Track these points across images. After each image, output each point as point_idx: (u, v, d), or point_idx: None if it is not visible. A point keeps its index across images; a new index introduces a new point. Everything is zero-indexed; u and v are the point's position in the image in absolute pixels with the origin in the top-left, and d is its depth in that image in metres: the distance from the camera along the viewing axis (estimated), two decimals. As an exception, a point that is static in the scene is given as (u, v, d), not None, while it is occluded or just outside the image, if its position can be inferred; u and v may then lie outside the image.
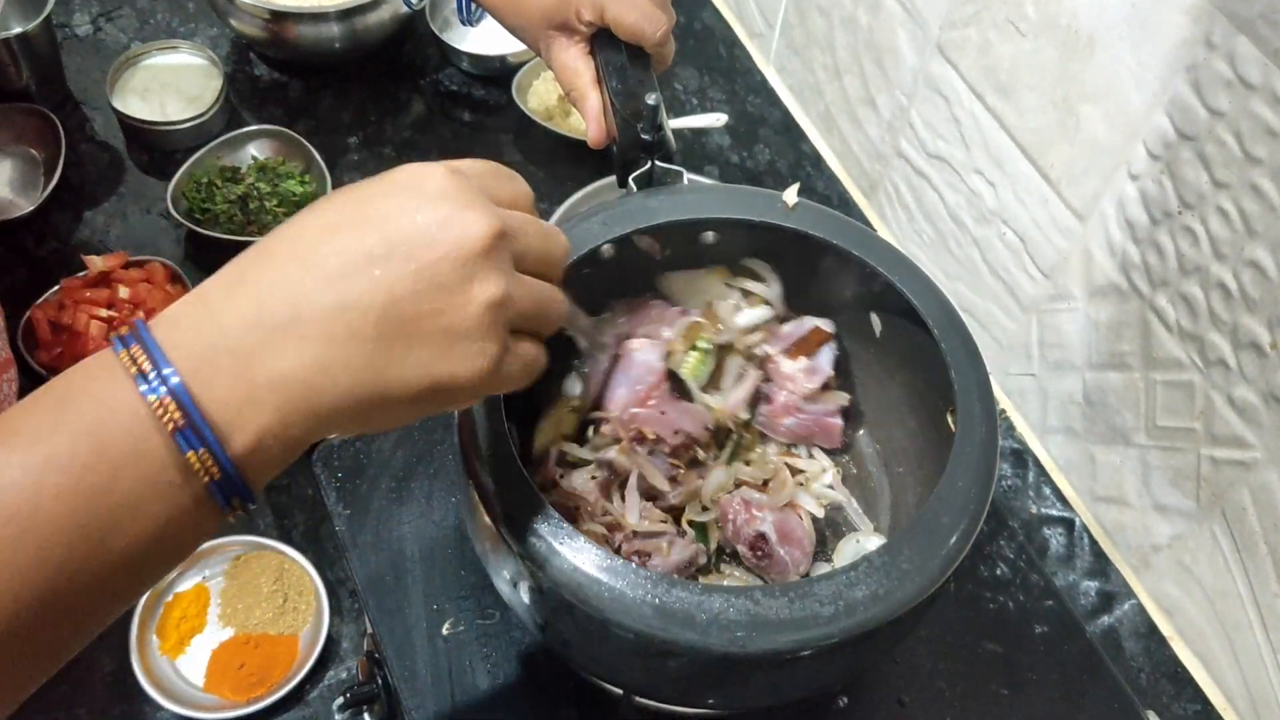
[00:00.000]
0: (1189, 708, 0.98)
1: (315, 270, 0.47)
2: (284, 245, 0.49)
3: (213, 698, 0.93)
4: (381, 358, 0.47)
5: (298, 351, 0.46)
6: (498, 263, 0.49)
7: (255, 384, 0.46)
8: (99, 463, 0.44)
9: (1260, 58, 0.75)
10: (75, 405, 0.45)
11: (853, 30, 1.22)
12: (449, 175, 0.50)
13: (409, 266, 0.47)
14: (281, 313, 0.46)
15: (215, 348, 0.46)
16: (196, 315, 0.47)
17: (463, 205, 0.49)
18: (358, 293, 0.47)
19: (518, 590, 0.64)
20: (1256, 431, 0.85)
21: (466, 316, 0.48)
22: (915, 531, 0.62)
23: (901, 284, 0.73)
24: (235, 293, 0.48)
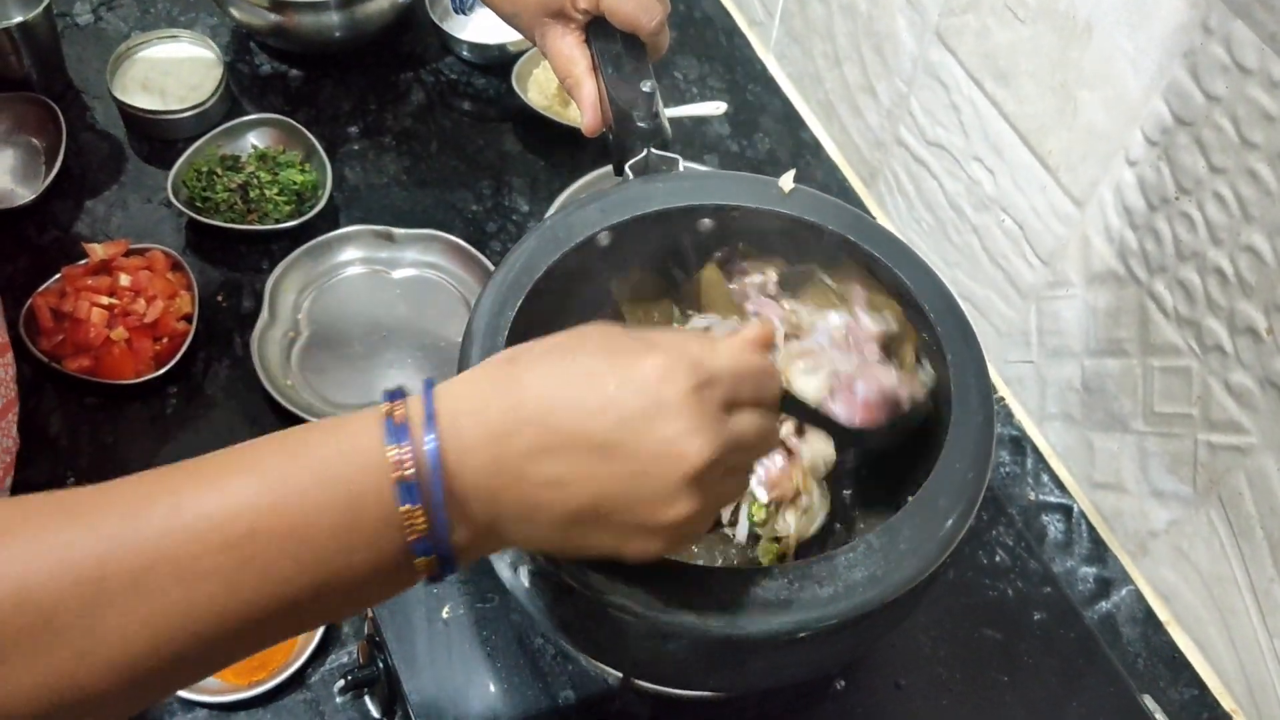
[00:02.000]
0: (1185, 692, 0.98)
1: (547, 440, 0.51)
2: (533, 393, 0.52)
3: (214, 681, 0.93)
4: (571, 530, 0.53)
5: (509, 506, 0.51)
6: (701, 487, 0.52)
7: (471, 513, 0.51)
8: (346, 536, 0.48)
9: (1257, 42, 0.75)
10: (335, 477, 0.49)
11: (852, 18, 1.22)
12: (691, 391, 0.52)
13: (623, 471, 0.51)
14: (510, 469, 0.51)
15: (462, 465, 0.50)
16: (454, 431, 0.50)
17: (690, 431, 0.51)
18: (572, 477, 0.51)
19: (518, 574, 0.64)
20: (1253, 417, 0.85)
21: (653, 526, 0.52)
22: (913, 514, 0.63)
23: (897, 268, 0.73)
24: (480, 423, 0.51)
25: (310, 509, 0.47)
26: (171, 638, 0.46)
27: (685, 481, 0.52)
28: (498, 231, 1.25)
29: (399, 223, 1.21)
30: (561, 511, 0.52)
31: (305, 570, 0.48)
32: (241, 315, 1.16)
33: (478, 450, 0.50)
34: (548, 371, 0.53)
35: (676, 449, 0.51)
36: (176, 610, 0.45)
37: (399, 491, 0.48)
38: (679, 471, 0.51)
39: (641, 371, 0.52)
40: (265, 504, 0.47)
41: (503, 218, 1.26)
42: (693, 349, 0.54)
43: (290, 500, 0.47)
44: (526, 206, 1.27)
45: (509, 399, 0.51)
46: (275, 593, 0.47)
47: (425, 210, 1.26)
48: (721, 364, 0.54)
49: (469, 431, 0.50)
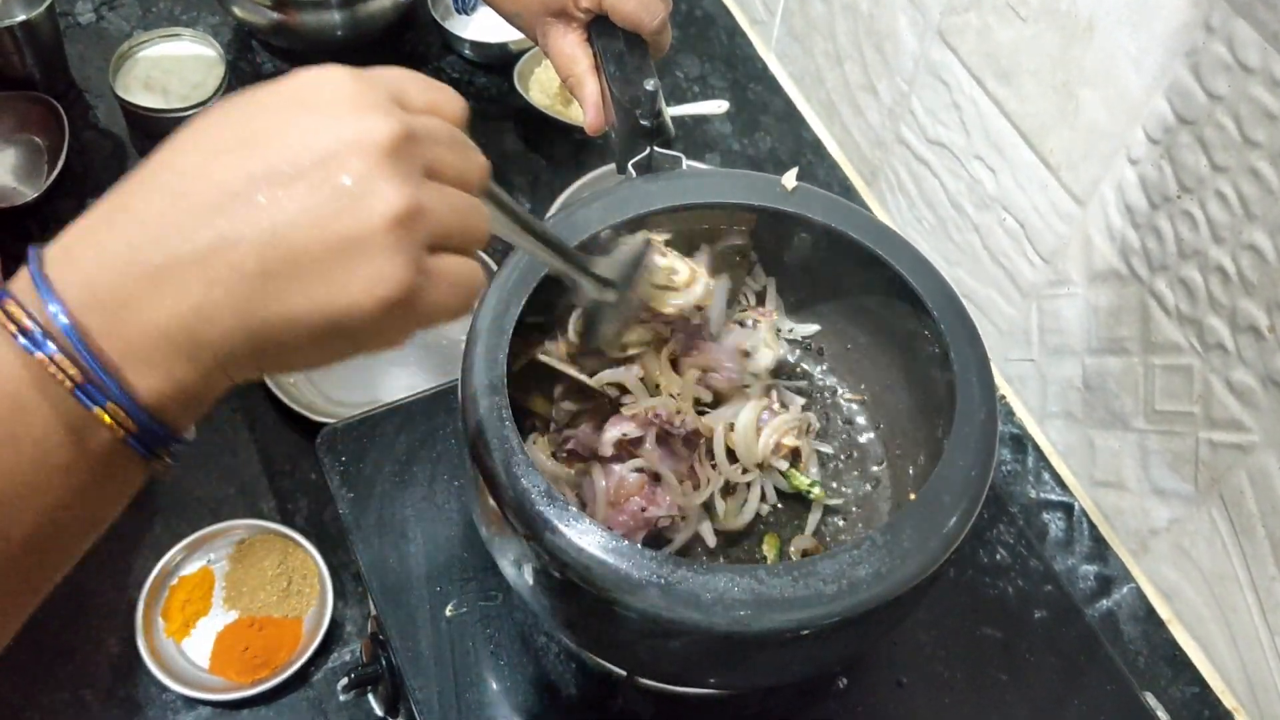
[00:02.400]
0: (1187, 690, 0.99)
1: (193, 203, 0.42)
2: (164, 172, 0.43)
3: (218, 679, 0.93)
4: (266, 294, 0.41)
5: (175, 299, 0.41)
6: (400, 172, 0.42)
7: (136, 336, 0.42)
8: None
9: (1259, 41, 0.75)
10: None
11: (853, 16, 1.22)
12: (349, 80, 0.44)
13: (296, 187, 0.41)
14: (156, 256, 0.41)
15: (95, 293, 0.41)
16: (67, 260, 0.42)
17: (359, 110, 0.43)
18: (238, 225, 0.41)
19: (522, 572, 0.65)
20: (1254, 415, 0.86)
21: (364, 235, 0.41)
22: (916, 511, 0.63)
23: (900, 266, 0.73)
24: (114, 228, 0.43)
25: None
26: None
27: (373, 161, 0.42)
28: (500, 230, 1.25)
29: (401, 221, 1.20)
30: (241, 270, 0.41)
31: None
32: (244, 313, 1.15)
33: (107, 261, 0.41)
34: (176, 145, 0.44)
35: (349, 132, 0.42)
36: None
37: (22, 344, 0.40)
38: (360, 154, 0.42)
39: (286, 88, 0.44)
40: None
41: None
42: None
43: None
44: (529, 205, 1.27)
45: (123, 200, 0.43)
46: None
47: (427, 209, 1.26)
48: (380, 69, 0.46)
49: (90, 251, 0.42)
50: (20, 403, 0.41)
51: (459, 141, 0.48)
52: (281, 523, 1.01)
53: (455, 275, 0.45)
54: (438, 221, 0.44)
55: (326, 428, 0.86)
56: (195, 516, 1.00)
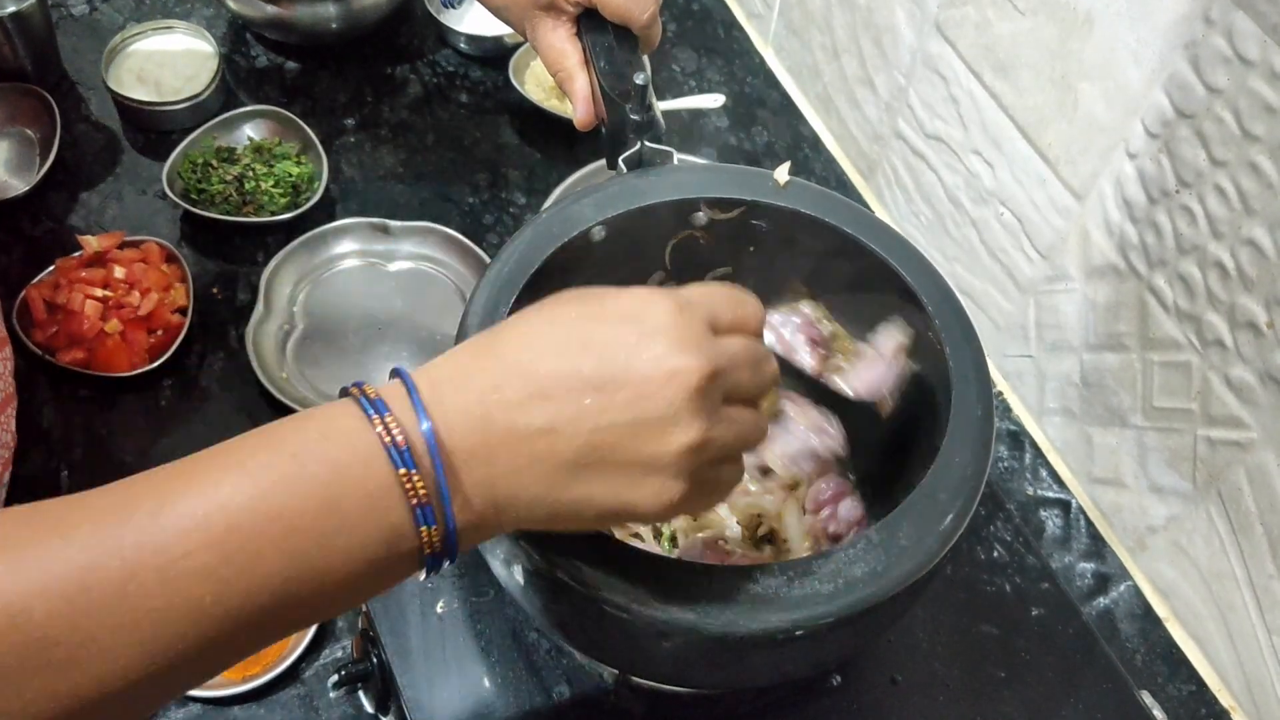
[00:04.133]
0: (1184, 689, 0.98)
1: (535, 388, 0.49)
2: (514, 351, 0.51)
3: (208, 677, 0.93)
4: (572, 480, 0.50)
5: (504, 463, 0.49)
6: (704, 407, 0.51)
7: (467, 481, 0.49)
8: (327, 522, 0.47)
9: (1258, 33, 0.75)
10: (313, 457, 0.48)
11: (851, 10, 1.22)
12: (673, 310, 0.51)
13: (618, 399, 0.49)
14: (500, 422, 0.49)
15: (449, 434, 0.49)
16: (435, 397, 0.50)
17: (680, 346, 0.50)
18: (565, 419, 0.49)
19: (512, 571, 0.64)
20: (1253, 412, 0.85)
21: (661, 457, 0.50)
22: (912, 509, 0.62)
23: (895, 261, 0.73)
24: (466, 382, 0.50)
25: (294, 494, 0.46)
26: (163, 644, 0.45)
27: (685, 397, 0.50)
28: (494, 224, 1.24)
29: (395, 215, 1.20)
30: (559, 458, 0.50)
31: (294, 560, 0.46)
32: (237, 308, 1.15)
33: (464, 411, 0.49)
34: (526, 329, 0.52)
35: (669, 364, 0.50)
36: (163, 615, 0.44)
37: (392, 456, 0.48)
38: (675, 387, 0.50)
39: (621, 305, 0.52)
40: (245, 495, 0.46)
41: (499, 210, 1.25)
42: (665, 289, 0.53)
43: (272, 487, 0.46)
44: (523, 199, 1.26)
45: (488, 359, 0.51)
46: (265, 586, 0.46)
47: (421, 203, 1.25)
48: (695, 293, 0.54)
49: (452, 397, 0.49)
50: (374, 501, 0.48)
51: (756, 361, 0.55)
52: (273, 518, 1.00)
53: (726, 482, 0.56)
54: (723, 447, 0.53)
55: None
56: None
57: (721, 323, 0.54)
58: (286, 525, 0.46)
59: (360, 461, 0.48)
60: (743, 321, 0.56)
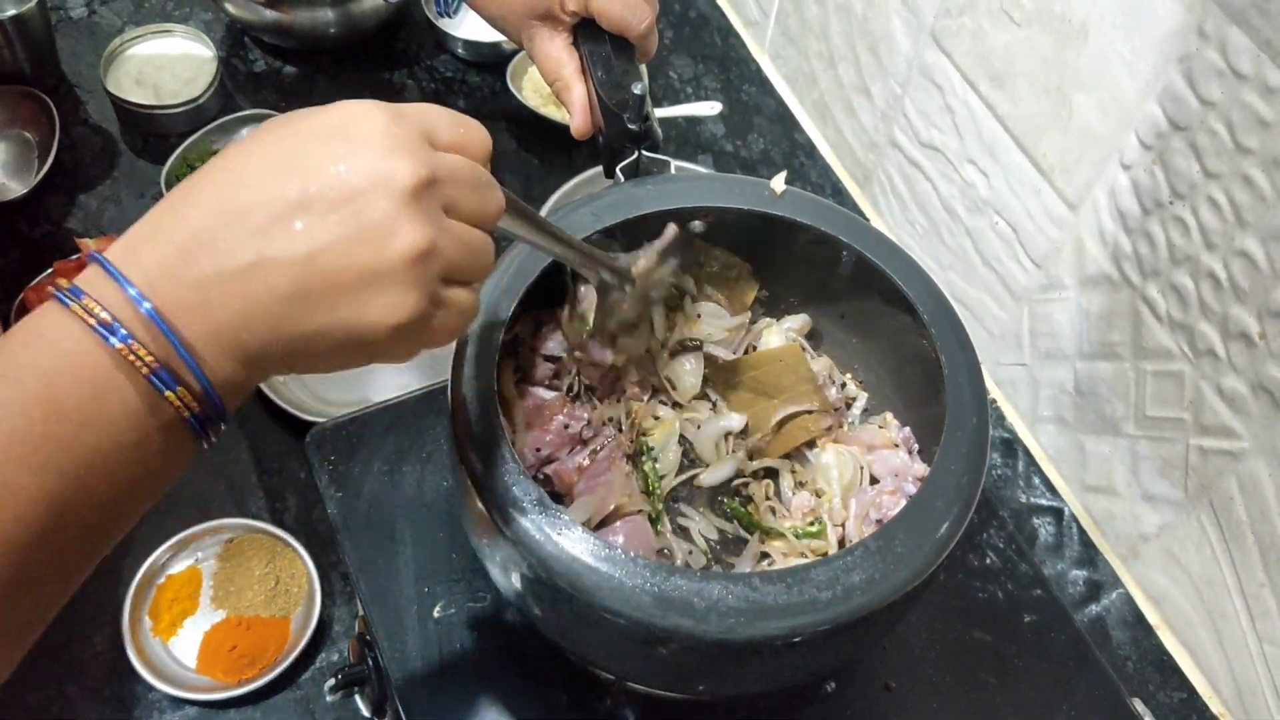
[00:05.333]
0: (1174, 696, 0.99)
1: (238, 223, 0.47)
2: (213, 190, 0.48)
3: (205, 679, 0.93)
4: (299, 310, 0.47)
5: (221, 307, 0.47)
6: (422, 212, 0.48)
7: (191, 335, 0.47)
8: (59, 428, 0.45)
9: (1252, 48, 0.75)
10: (24, 374, 0.46)
11: (848, 18, 1.22)
12: (384, 119, 0.49)
13: (330, 218, 0.47)
14: (207, 266, 0.47)
15: (157, 293, 0.46)
16: (132, 261, 0.47)
17: (390, 151, 0.48)
18: (276, 248, 0.47)
19: (510, 577, 0.64)
20: (1245, 421, 0.86)
21: (385, 268, 0.48)
22: (908, 517, 0.63)
23: (891, 270, 0.73)
24: (172, 234, 0.47)
25: (18, 413, 0.45)
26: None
27: (399, 202, 0.47)
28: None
29: (393, 220, 1.20)
30: (277, 291, 0.47)
31: (50, 474, 0.45)
32: (234, 311, 1.15)
33: (166, 265, 0.47)
34: (222, 163, 0.49)
35: (379, 171, 0.47)
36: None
37: (102, 335, 0.45)
38: (387, 192, 0.47)
39: (325, 120, 0.49)
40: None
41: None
42: (377, 101, 0.50)
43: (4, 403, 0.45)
44: (521, 204, 1.27)
45: (185, 205, 0.48)
46: (34, 509, 0.45)
47: (419, 208, 1.25)
48: (410, 107, 0.51)
49: (150, 255, 0.47)
50: (98, 387, 0.46)
51: (480, 180, 0.53)
52: (270, 522, 1.00)
53: (460, 304, 0.52)
54: (450, 257, 0.50)
55: (316, 427, 0.86)
56: (183, 515, 1.00)
57: (440, 139, 0.52)
58: (20, 444, 0.44)
59: (72, 354, 0.46)
60: (463, 141, 0.53)
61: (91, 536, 0.48)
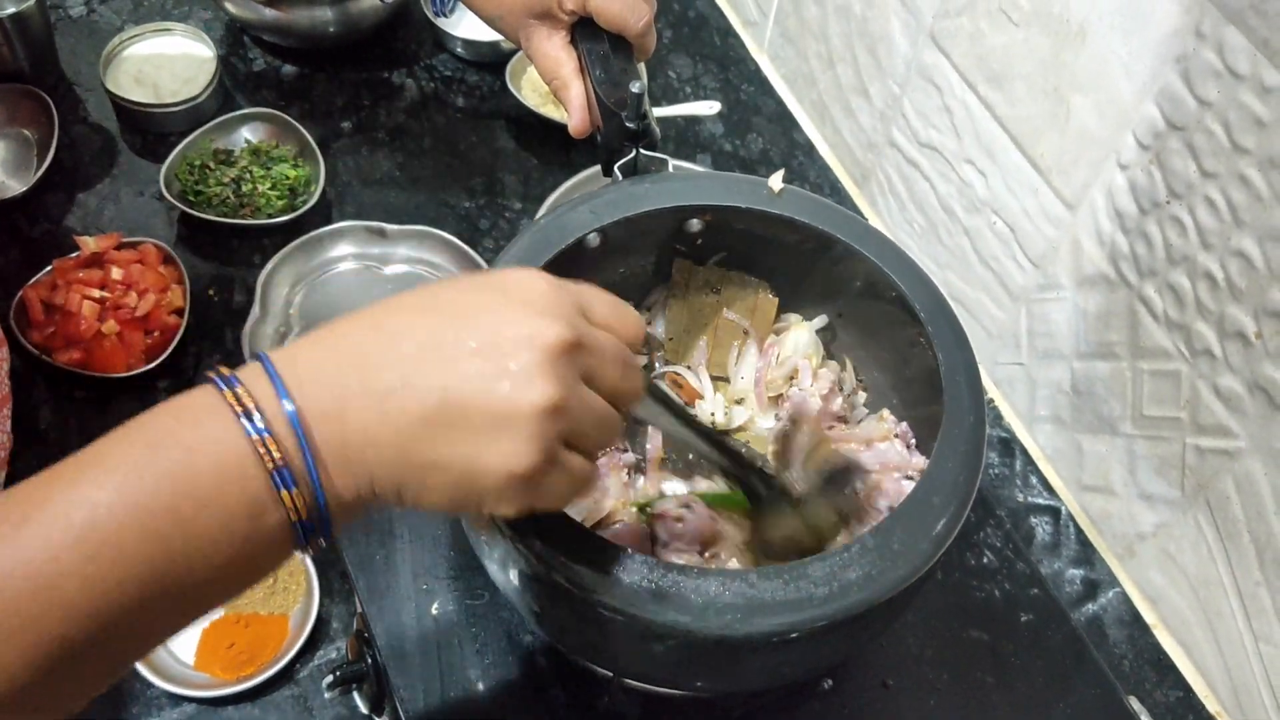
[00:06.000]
0: (1171, 694, 0.99)
1: (391, 348, 0.49)
2: (377, 320, 0.51)
3: (203, 676, 0.93)
4: (426, 436, 0.49)
5: (356, 421, 0.49)
6: (561, 372, 0.50)
7: (324, 443, 0.48)
8: (183, 503, 0.46)
9: (1249, 48, 0.76)
10: (165, 444, 0.47)
11: (846, 18, 1.22)
12: (546, 285, 0.52)
13: (476, 360, 0.49)
14: (354, 384, 0.49)
15: (306, 399, 0.48)
16: (289, 364, 0.49)
17: (544, 312, 0.50)
18: (420, 375, 0.49)
19: (508, 573, 0.64)
20: (1241, 421, 0.86)
21: (515, 414, 0.49)
22: (905, 514, 0.63)
23: (888, 268, 0.73)
24: (332, 352, 0.50)
25: (149, 480, 0.46)
26: (44, 648, 0.45)
27: (541, 357, 0.49)
28: (490, 229, 1.25)
29: (391, 219, 1.20)
30: (410, 414, 0.49)
31: (158, 546, 0.46)
32: (233, 310, 1.15)
33: (318, 374, 0.49)
34: (398, 299, 0.52)
35: (529, 326, 0.49)
36: (37, 620, 0.45)
37: (242, 424, 0.47)
38: (533, 346, 0.49)
39: (495, 278, 0.52)
40: (104, 490, 0.46)
41: (495, 215, 1.26)
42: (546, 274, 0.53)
43: (127, 478, 0.46)
44: (519, 204, 1.27)
45: (353, 327, 0.51)
46: (133, 576, 0.46)
47: (418, 207, 1.26)
48: (575, 284, 0.54)
49: (307, 361, 0.49)
50: (227, 474, 0.47)
51: (624, 361, 0.55)
52: (268, 520, 1.00)
53: (574, 471, 0.53)
54: (577, 421, 0.51)
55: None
56: (182, 513, 1.00)
57: (594, 315, 0.54)
58: (145, 512, 0.46)
59: (213, 437, 0.47)
60: (619, 323, 0.55)
61: (172, 615, 0.49)
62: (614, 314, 0.55)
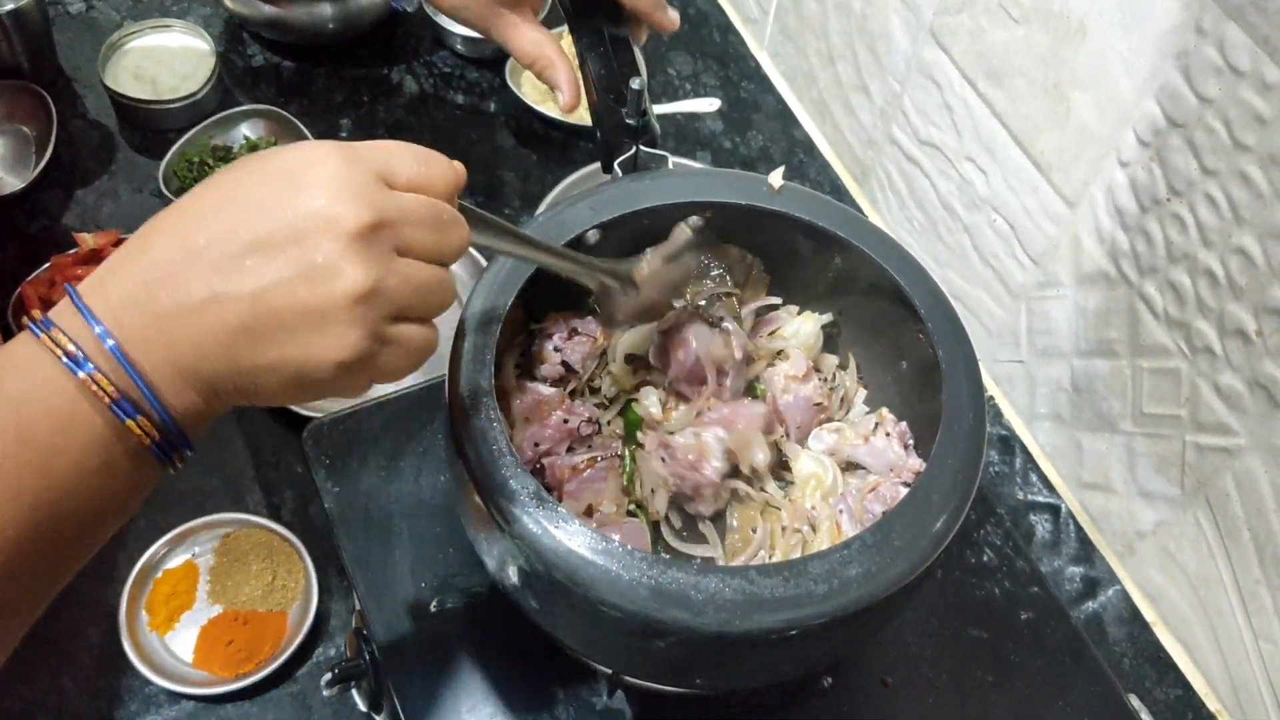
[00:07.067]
0: (1170, 692, 0.99)
1: (195, 260, 0.49)
2: (175, 227, 0.50)
3: (201, 673, 0.93)
4: (248, 345, 0.49)
5: (180, 339, 0.49)
6: (367, 255, 0.49)
7: (152, 366, 0.49)
8: (27, 452, 0.47)
9: (1249, 44, 0.75)
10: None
11: (846, 16, 1.22)
12: (336, 161, 0.50)
13: (277, 259, 0.49)
14: (166, 300, 0.49)
15: (122, 327, 0.49)
16: (100, 295, 0.49)
17: (337, 194, 0.49)
18: (228, 285, 0.49)
19: (507, 570, 0.64)
20: (1241, 418, 0.86)
21: (328, 308, 0.49)
22: (906, 510, 0.63)
23: (888, 265, 0.73)
24: (135, 270, 0.50)
25: (5, 456, 0.47)
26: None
27: (343, 244, 0.49)
28: (489, 226, 1.24)
29: (391, 216, 1.20)
30: (229, 325, 0.49)
31: (18, 501, 0.47)
32: (231, 307, 1.15)
33: (129, 298, 0.49)
34: (184, 202, 0.51)
35: (326, 213, 0.49)
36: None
37: (67, 365, 0.48)
38: (332, 234, 0.49)
39: (280, 162, 0.51)
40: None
41: (495, 212, 1.25)
42: (336, 142, 0.52)
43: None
44: (519, 201, 1.27)
45: (151, 240, 0.50)
46: (11, 531, 0.47)
47: (417, 203, 1.25)
48: (368, 146, 0.53)
49: (115, 289, 0.49)
50: (66, 416, 0.48)
51: (436, 219, 0.54)
52: (267, 517, 1.00)
53: (409, 342, 0.53)
54: (397, 298, 0.51)
55: (313, 422, 0.86)
56: (180, 510, 1.00)
57: (398, 179, 0.53)
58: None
59: (41, 384, 0.48)
60: (425, 180, 0.54)
61: (63, 554, 0.50)
62: (420, 171, 0.54)
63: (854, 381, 0.83)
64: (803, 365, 0.79)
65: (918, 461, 0.75)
